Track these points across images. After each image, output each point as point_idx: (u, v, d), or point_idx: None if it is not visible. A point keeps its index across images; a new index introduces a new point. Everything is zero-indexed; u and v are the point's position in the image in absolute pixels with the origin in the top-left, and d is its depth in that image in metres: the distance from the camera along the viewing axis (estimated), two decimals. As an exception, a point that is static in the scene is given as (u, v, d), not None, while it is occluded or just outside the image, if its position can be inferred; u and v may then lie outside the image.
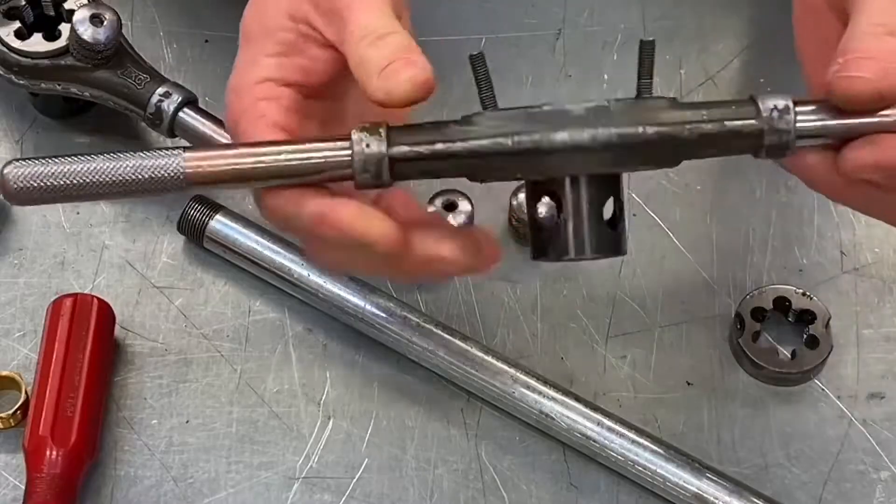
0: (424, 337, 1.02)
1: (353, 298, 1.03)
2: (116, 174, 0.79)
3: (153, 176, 0.79)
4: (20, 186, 0.79)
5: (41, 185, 0.79)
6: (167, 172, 0.79)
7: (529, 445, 1.01)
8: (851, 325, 1.05)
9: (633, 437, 0.98)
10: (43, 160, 0.79)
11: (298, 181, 0.80)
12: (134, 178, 0.79)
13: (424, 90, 0.79)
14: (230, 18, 1.15)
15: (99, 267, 1.07)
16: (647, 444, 0.98)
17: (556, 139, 0.77)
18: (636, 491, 0.99)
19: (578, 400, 1.00)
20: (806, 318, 1.03)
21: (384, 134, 0.79)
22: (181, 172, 0.79)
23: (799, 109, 0.79)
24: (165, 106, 1.05)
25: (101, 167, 0.79)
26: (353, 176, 0.79)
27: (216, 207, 1.06)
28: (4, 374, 1.01)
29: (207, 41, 1.17)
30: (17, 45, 1.05)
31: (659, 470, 0.97)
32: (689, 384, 1.03)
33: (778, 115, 0.79)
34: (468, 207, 1.06)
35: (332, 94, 0.87)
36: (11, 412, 0.99)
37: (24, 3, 1.06)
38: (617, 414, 1.00)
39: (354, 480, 1.00)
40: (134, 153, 0.80)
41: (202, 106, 1.07)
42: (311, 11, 0.84)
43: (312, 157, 0.79)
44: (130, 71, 1.06)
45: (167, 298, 1.06)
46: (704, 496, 0.96)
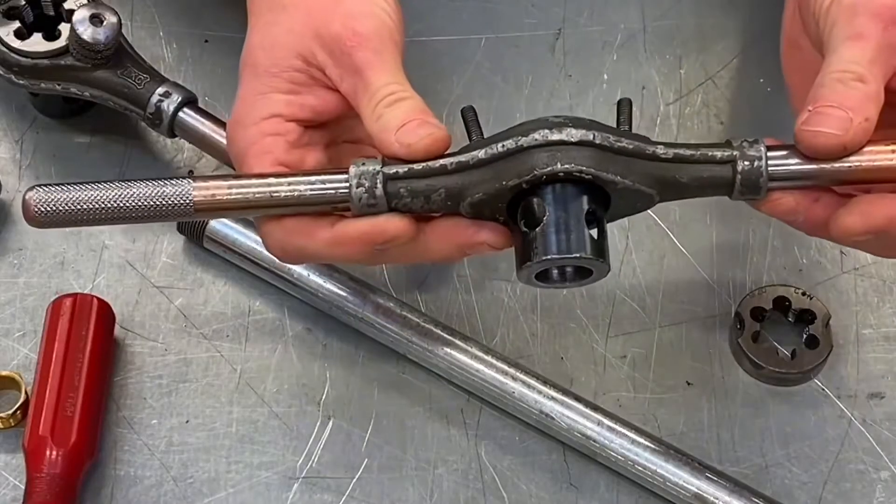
0: (424, 337, 1.02)
1: (353, 298, 1.03)
2: (129, 201, 0.85)
3: (163, 203, 0.85)
4: (41, 211, 0.85)
5: (59, 209, 0.85)
6: (176, 201, 0.85)
7: (529, 445, 1.01)
8: (851, 325, 1.05)
9: (632, 436, 0.98)
10: (62, 186, 0.85)
11: (303, 210, 0.85)
12: (145, 204, 0.85)
13: (444, 145, 0.85)
14: (230, 18, 1.16)
15: (99, 267, 1.07)
16: (646, 443, 0.98)
17: (537, 136, 0.82)
18: (636, 491, 0.99)
19: (578, 400, 1.00)
20: (806, 317, 1.03)
21: (380, 159, 0.85)
22: (189, 201, 0.85)
23: (771, 154, 0.84)
24: (165, 106, 1.05)
25: (114, 195, 0.85)
26: (349, 198, 0.84)
27: (216, 207, 1.07)
28: (4, 374, 1.01)
29: (207, 41, 1.17)
30: (16, 45, 1.05)
31: (659, 470, 0.97)
32: (688, 384, 1.03)
33: (748, 144, 0.84)
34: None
35: (332, 125, 0.91)
36: (11, 412, 0.99)
37: (24, 3, 1.06)
38: (617, 414, 1.00)
39: (354, 480, 1.00)
40: (146, 181, 0.85)
41: (202, 106, 1.07)
42: (327, 62, 0.88)
43: (316, 186, 0.85)
44: (130, 71, 1.06)
45: (167, 298, 1.06)
46: (704, 496, 0.96)
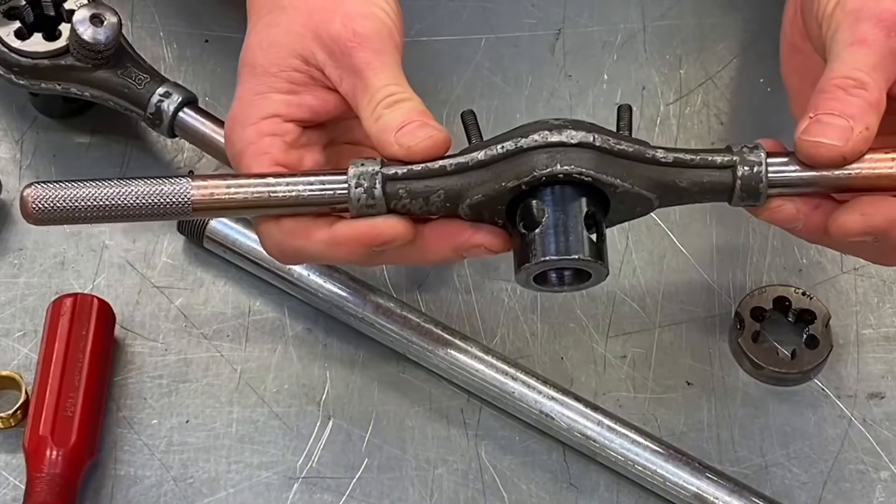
0: (424, 337, 1.02)
1: (353, 298, 1.03)
2: (127, 199, 0.84)
3: (161, 201, 0.84)
4: (39, 207, 0.84)
5: (57, 206, 0.84)
6: (175, 199, 0.84)
7: (529, 445, 1.01)
8: (851, 325, 1.05)
9: (633, 436, 0.98)
10: (60, 184, 0.85)
11: (301, 211, 0.85)
12: (143, 202, 0.84)
13: (444, 147, 0.84)
14: (230, 18, 1.16)
15: (99, 267, 1.07)
16: (646, 443, 0.98)
17: (536, 138, 0.82)
18: (636, 491, 0.99)
19: (578, 400, 1.00)
20: (806, 317, 1.03)
21: (379, 159, 0.85)
22: (188, 200, 0.84)
23: (771, 160, 0.83)
24: (165, 106, 1.05)
25: (112, 192, 0.84)
26: (348, 199, 0.84)
27: (216, 207, 1.07)
28: (4, 374, 1.01)
29: (207, 41, 1.17)
30: (17, 45, 1.05)
31: (659, 470, 0.97)
32: (688, 384, 1.03)
33: (748, 150, 0.84)
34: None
35: (331, 126, 0.91)
36: (11, 412, 0.99)
37: (24, 3, 1.06)
38: (617, 414, 1.00)
39: (354, 480, 1.00)
40: (145, 179, 0.85)
41: (202, 106, 1.07)
42: (327, 63, 0.88)
43: (314, 186, 0.84)
44: (130, 71, 1.06)
45: (167, 298, 1.06)
46: (704, 496, 0.96)
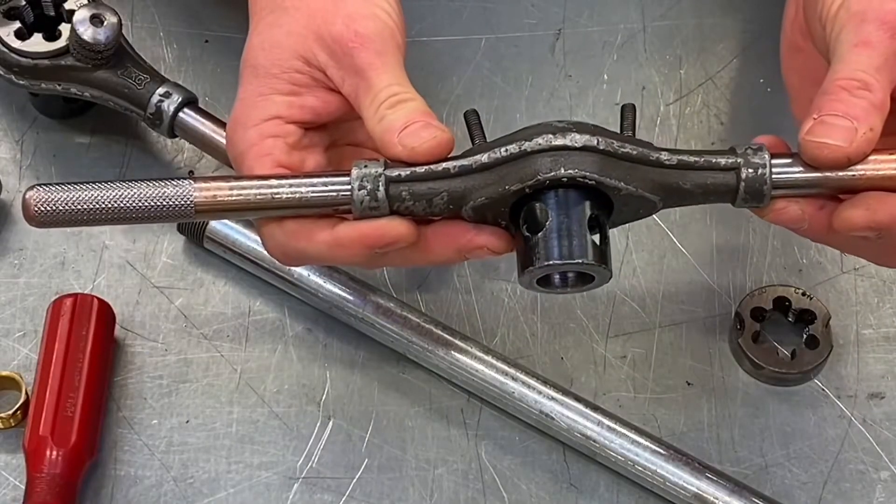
0: (424, 337, 1.02)
1: (353, 299, 1.03)
2: (129, 202, 0.84)
3: (164, 204, 0.84)
4: (41, 210, 0.84)
5: (59, 209, 0.84)
6: (177, 201, 0.84)
7: (529, 445, 1.01)
8: (851, 325, 1.05)
9: (633, 437, 0.98)
10: (62, 186, 0.84)
11: (304, 212, 0.85)
12: (145, 205, 0.84)
13: (447, 148, 0.84)
14: (230, 18, 1.16)
15: (99, 267, 1.07)
16: (646, 443, 0.98)
17: (540, 141, 0.82)
18: (636, 491, 0.99)
19: (578, 400, 1.00)
20: (806, 318, 1.03)
21: (382, 161, 0.84)
22: (190, 202, 0.84)
23: (774, 162, 0.83)
24: (165, 106, 1.05)
25: (115, 195, 0.84)
26: (351, 200, 0.83)
27: (216, 207, 1.07)
28: (4, 374, 1.01)
29: (207, 41, 1.17)
30: (17, 45, 1.05)
31: (659, 470, 0.97)
32: (688, 384, 1.03)
33: (752, 151, 0.83)
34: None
35: (333, 127, 0.91)
36: (11, 412, 0.99)
37: (24, 3, 1.06)
38: (617, 414, 1.00)
39: (354, 480, 1.00)
40: (147, 181, 0.84)
41: (202, 106, 1.07)
42: (329, 64, 0.87)
43: (317, 187, 0.84)
44: (130, 71, 1.06)
45: (167, 298, 1.06)
46: (704, 496, 0.96)
